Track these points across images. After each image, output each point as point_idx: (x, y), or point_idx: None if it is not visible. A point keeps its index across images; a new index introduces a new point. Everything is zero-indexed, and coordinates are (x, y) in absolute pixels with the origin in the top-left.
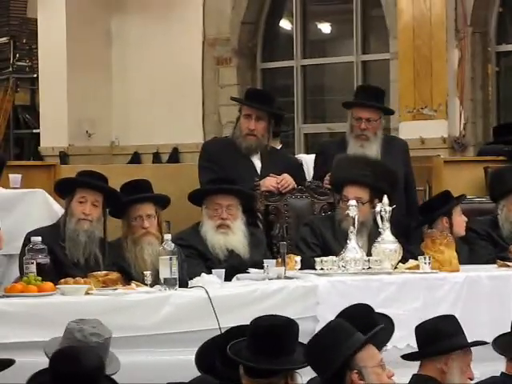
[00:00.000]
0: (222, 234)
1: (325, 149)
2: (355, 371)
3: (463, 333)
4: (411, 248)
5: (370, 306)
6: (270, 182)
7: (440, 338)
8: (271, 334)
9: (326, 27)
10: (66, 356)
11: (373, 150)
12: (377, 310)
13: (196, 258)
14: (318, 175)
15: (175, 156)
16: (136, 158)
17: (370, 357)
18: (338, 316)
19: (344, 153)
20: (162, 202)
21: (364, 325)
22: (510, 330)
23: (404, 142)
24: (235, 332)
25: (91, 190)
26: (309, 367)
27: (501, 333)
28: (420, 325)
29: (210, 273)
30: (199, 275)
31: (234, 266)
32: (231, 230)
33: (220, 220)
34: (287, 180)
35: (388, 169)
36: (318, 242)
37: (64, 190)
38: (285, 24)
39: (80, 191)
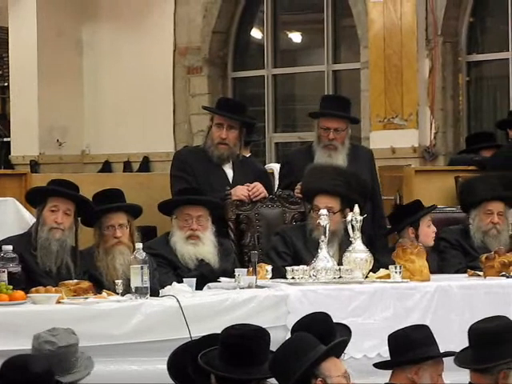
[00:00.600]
0: (192, 244)
1: (290, 159)
2: (320, 379)
3: (435, 343)
4: (376, 255)
5: (327, 315)
6: (241, 191)
7: (412, 347)
8: (242, 344)
9: (296, 37)
10: (14, 363)
11: (340, 159)
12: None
13: (165, 266)
14: (284, 185)
15: (146, 165)
16: (107, 167)
17: (334, 367)
18: (296, 324)
19: (311, 162)
20: (135, 211)
21: (322, 333)
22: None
23: (369, 151)
24: (207, 340)
25: (63, 198)
26: None
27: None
28: (392, 334)
29: (180, 281)
30: (169, 284)
31: (203, 275)
32: (201, 241)
33: (190, 231)
34: (258, 188)
35: (360, 179)
36: (289, 251)
37: (35, 199)
38: (256, 33)
39: (52, 200)
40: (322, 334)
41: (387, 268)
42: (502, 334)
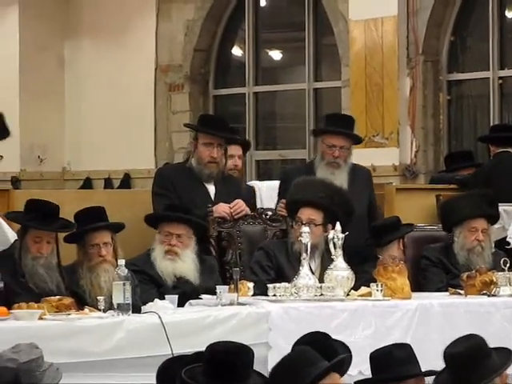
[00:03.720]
0: (170, 260)
1: (290, 176)
2: None
3: (417, 361)
4: (365, 267)
5: (327, 334)
6: (222, 208)
7: (394, 365)
8: (227, 360)
9: (278, 54)
10: None
11: (342, 177)
12: None
13: (148, 283)
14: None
15: (127, 182)
16: (87, 184)
17: None
18: (296, 344)
19: None
20: (118, 228)
21: (322, 353)
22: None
23: (367, 170)
24: (198, 357)
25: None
26: None
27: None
28: (375, 351)
29: (162, 298)
30: (151, 300)
31: (186, 293)
32: (179, 257)
33: (168, 246)
34: (240, 205)
35: (344, 195)
36: (272, 264)
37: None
38: (237, 51)
39: (34, 230)
40: (322, 355)
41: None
42: (476, 356)
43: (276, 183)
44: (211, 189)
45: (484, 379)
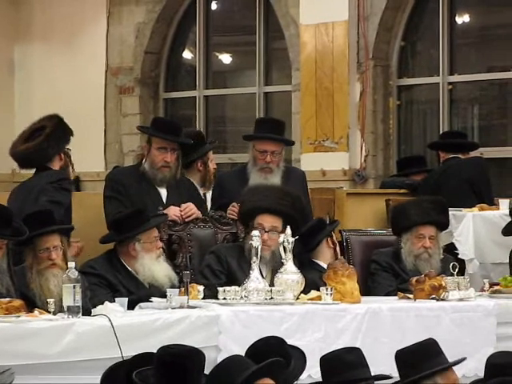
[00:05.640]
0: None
1: (223, 180)
2: None
3: (367, 366)
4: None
5: (281, 339)
6: (173, 211)
7: (344, 369)
8: (178, 362)
9: (228, 58)
10: None
11: (274, 181)
12: None
13: (105, 287)
14: (216, 206)
15: (76, 184)
16: None
17: None
18: (249, 349)
19: (244, 184)
20: (67, 231)
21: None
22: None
23: (301, 172)
24: (142, 359)
25: None
26: None
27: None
28: (325, 356)
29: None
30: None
31: (140, 297)
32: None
33: (159, 249)
34: (191, 208)
35: (302, 202)
36: (223, 269)
37: None
38: (188, 54)
39: None
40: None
41: (316, 285)
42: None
43: None
44: (163, 192)
45: None
